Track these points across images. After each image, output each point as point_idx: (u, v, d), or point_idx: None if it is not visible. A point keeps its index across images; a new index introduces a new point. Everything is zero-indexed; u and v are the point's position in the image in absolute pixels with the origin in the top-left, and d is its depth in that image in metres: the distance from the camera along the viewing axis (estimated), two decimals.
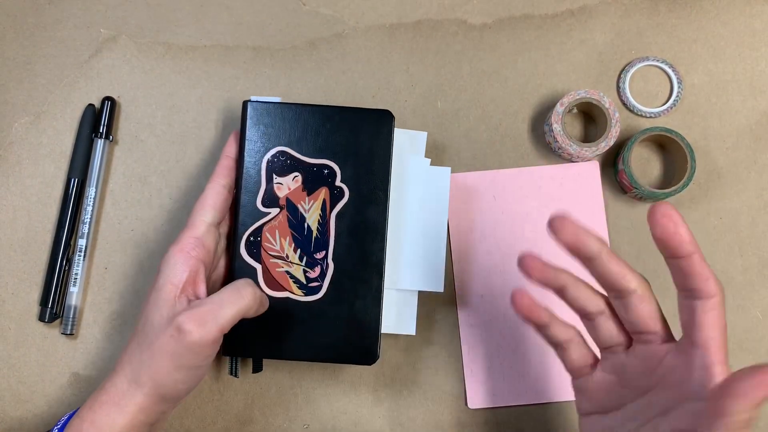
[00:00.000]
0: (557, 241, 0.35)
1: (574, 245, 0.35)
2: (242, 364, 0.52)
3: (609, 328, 0.38)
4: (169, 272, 0.43)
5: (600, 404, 0.39)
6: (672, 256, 0.33)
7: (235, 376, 0.51)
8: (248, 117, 0.50)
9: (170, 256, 0.44)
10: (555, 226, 0.35)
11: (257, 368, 0.51)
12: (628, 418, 0.37)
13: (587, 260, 0.35)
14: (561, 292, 0.38)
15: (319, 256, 0.49)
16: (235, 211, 0.50)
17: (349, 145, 0.49)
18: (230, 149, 0.50)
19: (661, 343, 0.36)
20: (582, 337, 0.40)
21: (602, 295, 0.38)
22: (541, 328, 0.39)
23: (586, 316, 0.38)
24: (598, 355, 0.40)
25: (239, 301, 0.42)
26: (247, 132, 0.50)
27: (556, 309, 0.39)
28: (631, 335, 0.37)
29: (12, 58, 0.57)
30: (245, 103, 0.51)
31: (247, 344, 0.49)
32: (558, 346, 0.40)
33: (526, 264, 0.37)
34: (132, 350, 0.43)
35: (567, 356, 0.40)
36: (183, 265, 0.44)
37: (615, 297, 0.37)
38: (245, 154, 0.50)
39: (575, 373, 0.40)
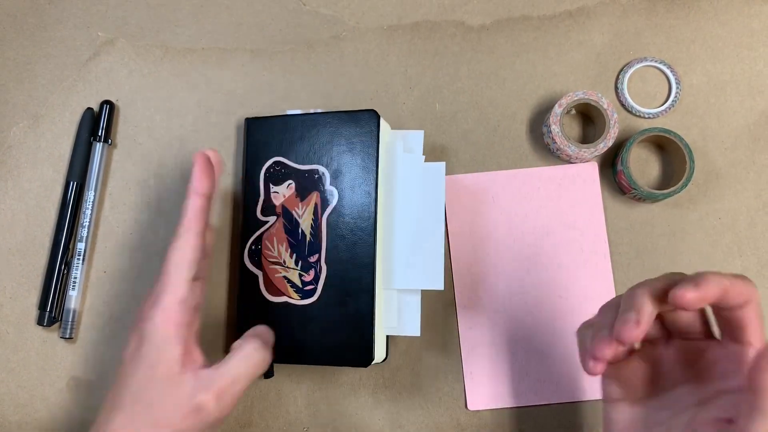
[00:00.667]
0: (699, 304, 0.32)
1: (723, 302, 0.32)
2: None
3: (651, 325, 0.37)
4: (162, 348, 0.40)
5: (631, 392, 0.38)
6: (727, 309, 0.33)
7: None
8: (249, 133, 0.52)
9: (157, 327, 0.40)
10: (680, 304, 0.31)
11: (269, 374, 0.52)
12: (660, 407, 0.36)
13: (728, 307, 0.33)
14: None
15: (312, 259, 0.49)
16: (240, 222, 0.52)
17: (336, 149, 0.50)
18: (201, 185, 0.43)
19: (702, 339, 0.36)
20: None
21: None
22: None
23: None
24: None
25: (251, 371, 0.42)
26: (249, 148, 0.52)
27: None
28: (673, 333, 0.37)
29: (12, 58, 0.57)
30: (247, 121, 0.53)
31: None
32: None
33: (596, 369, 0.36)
34: (124, 427, 0.39)
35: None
36: (175, 338, 0.40)
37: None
38: (248, 169, 0.52)
39: (612, 360, 0.38)
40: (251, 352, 0.43)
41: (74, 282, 0.53)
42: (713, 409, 0.33)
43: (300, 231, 0.50)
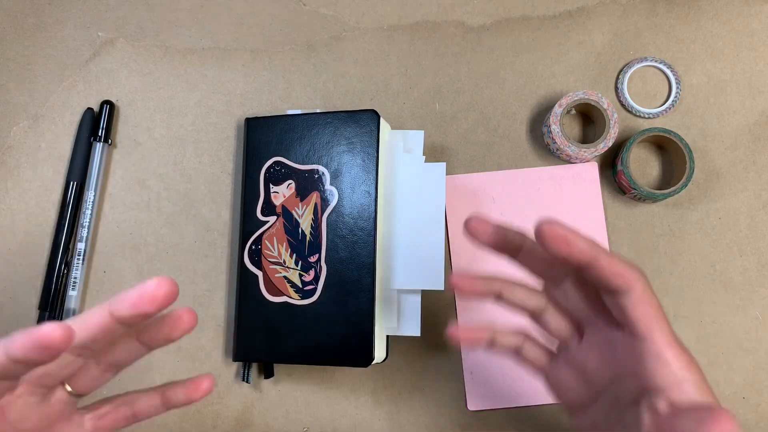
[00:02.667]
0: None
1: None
2: (252, 370, 0.52)
3: (556, 321, 0.37)
4: None
5: (576, 398, 0.38)
6: (577, 267, 0.32)
7: (247, 382, 0.51)
8: (249, 133, 0.52)
9: None
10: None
11: (269, 374, 0.52)
12: (607, 407, 0.36)
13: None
14: (498, 299, 0.38)
15: (312, 259, 0.49)
16: (240, 222, 0.52)
17: (336, 149, 0.50)
18: (119, 306, 0.31)
19: (609, 329, 0.35)
20: (532, 337, 0.39)
21: (540, 292, 0.38)
22: (491, 347, 0.39)
23: (531, 316, 0.38)
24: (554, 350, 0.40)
25: None
26: (249, 148, 0.52)
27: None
28: (582, 323, 0.37)
29: (12, 58, 0.57)
30: (247, 121, 0.53)
31: (252, 350, 0.50)
32: (514, 354, 0.39)
33: (454, 285, 0.36)
34: None
35: (523, 359, 0.40)
36: None
37: (555, 284, 0.36)
38: (248, 169, 0.52)
39: (537, 371, 0.40)
40: None
41: (74, 282, 0.53)
42: (648, 411, 0.33)
43: (300, 231, 0.50)
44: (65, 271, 0.53)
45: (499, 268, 0.53)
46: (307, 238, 0.50)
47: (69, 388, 0.36)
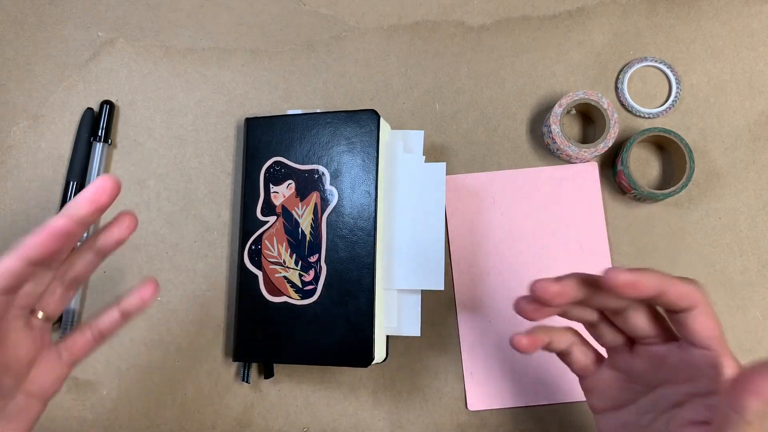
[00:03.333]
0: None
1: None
2: (252, 370, 0.52)
3: (610, 332, 0.38)
4: None
5: (612, 401, 0.39)
6: (648, 301, 0.34)
7: (247, 382, 0.51)
8: (249, 133, 0.52)
9: None
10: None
11: (269, 374, 0.52)
12: (642, 411, 0.37)
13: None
14: (547, 347, 0.39)
15: (312, 259, 0.49)
16: (240, 222, 0.52)
17: (336, 148, 0.50)
18: (76, 208, 0.34)
19: (662, 343, 0.37)
20: (582, 338, 0.40)
21: (570, 330, 0.39)
22: (546, 348, 0.40)
23: (586, 325, 0.39)
24: (603, 353, 0.41)
25: None
26: (249, 148, 0.52)
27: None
28: (635, 338, 0.38)
29: (12, 58, 0.57)
30: (247, 121, 0.53)
31: (252, 350, 0.50)
32: (561, 354, 0.41)
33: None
34: None
35: (571, 360, 0.40)
36: None
37: (614, 314, 0.37)
38: (248, 169, 0.52)
39: (581, 373, 0.41)
40: None
41: None
42: (688, 411, 0.34)
43: (300, 231, 0.50)
44: None
45: (498, 264, 0.53)
46: (307, 238, 0.50)
47: (40, 314, 0.39)
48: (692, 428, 0.34)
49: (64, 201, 0.54)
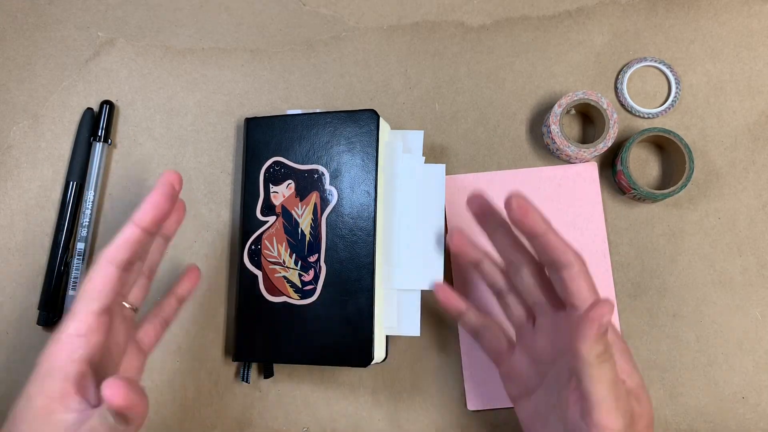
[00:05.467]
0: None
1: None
2: (252, 370, 0.52)
3: (516, 305, 0.44)
4: (43, 381, 0.36)
5: (525, 386, 0.42)
6: (529, 235, 0.39)
7: (247, 382, 0.51)
8: (249, 133, 0.52)
9: (46, 358, 0.36)
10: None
11: (268, 374, 0.52)
12: (549, 391, 0.40)
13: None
14: (476, 267, 0.45)
15: (312, 259, 0.49)
16: (240, 222, 0.52)
17: (335, 148, 0.50)
18: (144, 217, 0.37)
19: (554, 312, 0.41)
20: (497, 323, 0.45)
21: (507, 276, 0.44)
22: (459, 317, 0.46)
23: (497, 294, 0.45)
24: (514, 339, 0.45)
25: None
26: (249, 148, 0.52)
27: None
28: (534, 308, 0.42)
29: (12, 58, 0.57)
30: (246, 121, 0.53)
31: (252, 349, 0.50)
32: (476, 333, 0.45)
33: (453, 242, 0.45)
34: None
35: (485, 342, 0.45)
36: (61, 373, 0.35)
37: (515, 270, 0.43)
38: (248, 169, 0.52)
39: (496, 357, 0.45)
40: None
41: (74, 282, 0.53)
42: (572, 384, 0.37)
43: (299, 231, 0.50)
44: (65, 271, 0.53)
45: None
46: (307, 238, 0.50)
47: (127, 304, 0.43)
48: (576, 395, 0.36)
49: (64, 201, 0.54)
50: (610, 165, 0.54)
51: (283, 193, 0.51)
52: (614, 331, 0.39)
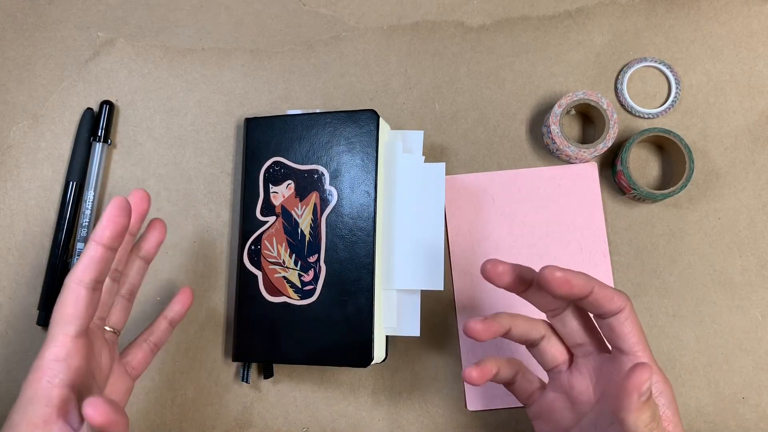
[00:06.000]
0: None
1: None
2: (252, 370, 0.52)
3: (552, 349, 0.41)
4: (26, 407, 0.35)
5: (557, 424, 0.41)
6: (578, 299, 0.37)
7: (247, 382, 0.51)
8: (249, 133, 0.52)
9: (28, 384, 0.36)
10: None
11: (268, 374, 0.52)
12: (587, 430, 0.39)
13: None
14: (507, 335, 0.41)
15: (312, 259, 0.49)
16: (240, 222, 0.52)
17: (335, 149, 0.50)
18: (102, 233, 0.36)
19: (597, 353, 0.40)
20: (525, 367, 0.43)
21: (542, 321, 0.41)
22: (494, 378, 0.42)
23: (531, 345, 0.42)
24: (545, 380, 0.43)
25: None
26: (248, 148, 0.52)
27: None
28: (573, 349, 0.41)
29: (12, 58, 0.57)
30: (246, 121, 0.53)
31: (252, 350, 0.50)
32: (508, 384, 0.43)
33: (470, 332, 0.39)
34: None
35: (516, 389, 0.43)
36: (43, 399, 0.35)
37: (555, 314, 0.40)
38: (248, 169, 0.52)
39: (527, 400, 0.43)
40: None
41: None
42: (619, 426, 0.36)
43: (299, 231, 0.50)
44: (65, 271, 0.53)
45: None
46: (307, 239, 0.50)
47: (108, 328, 0.43)
48: None
49: (64, 201, 0.54)
50: (610, 165, 0.54)
51: (282, 193, 0.51)
52: (656, 369, 0.38)
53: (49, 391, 0.35)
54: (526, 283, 0.39)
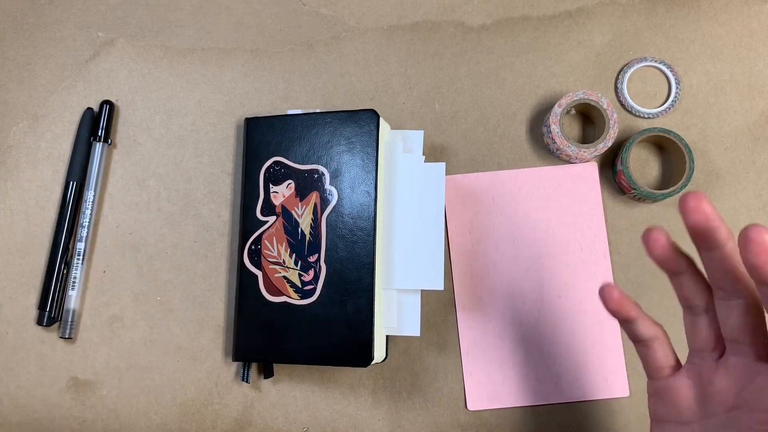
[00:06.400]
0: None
1: (704, 226, 0.30)
2: (252, 370, 0.52)
3: (708, 329, 0.35)
4: None
5: (678, 413, 0.36)
6: (762, 283, 0.29)
7: (247, 382, 0.51)
8: (249, 133, 0.52)
9: None
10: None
11: (268, 374, 0.52)
12: (713, 430, 0.35)
13: (713, 248, 0.30)
14: (677, 275, 0.35)
15: (312, 259, 0.49)
16: (240, 222, 0.52)
17: (336, 148, 0.50)
18: None
19: (755, 360, 0.33)
20: (668, 338, 0.38)
21: (711, 293, 0.34)
22: (628, 323, 0.37)
23: (689, 310, 0.35)
24: (682, 362, 0.38)
25: None
26: (249, 148, 0.52)
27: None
28: (727, 343, 0.34)
29: (12, 58, 0.57)
30: (246, 120, 0.52)
31: (252, 349, 0.50)
32: (642, 343, 0.38)
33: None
34: None
35: (649, 354, 0.38)
36: None
37: (724, 297, 0.33)
38: (248, 169, 0.52)
39: (654, 374, 0.38)
40: None
41: (74, 282, 0.53)
42: None
43: (299, 231, 0.50)
44: (65, 271, 0.53)
45: (498, 264, 0.53)
46: (307, 238, 0.50)
47: None
48: None
49: (64, 201, 0.54)
50: (610, 165, 0.54)
51: (283, 193, 0.51)
52: None
53: None
54: (709, 242, 0.31)
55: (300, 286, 0.49)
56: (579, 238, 0.53)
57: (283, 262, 0.50)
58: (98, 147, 0.54)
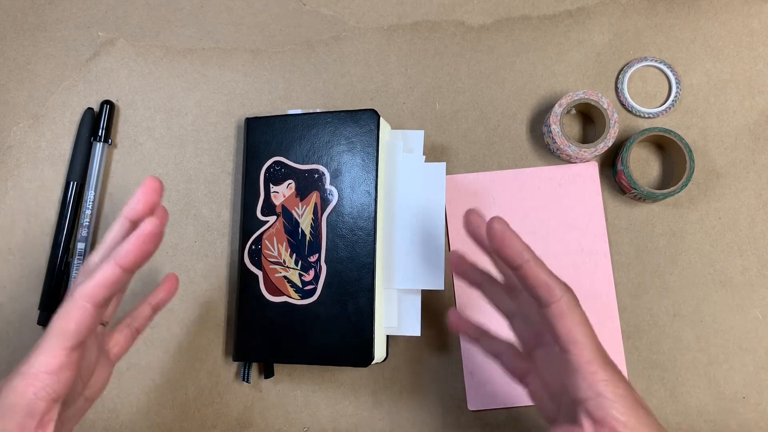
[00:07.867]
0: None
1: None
2: (252, 370, 0.52)
3: (524, 330, 0.41)
4: (4, 413, 0.34)
5: (548, 410, 0.40)
6: (509, 266, 0.35)
7: (247, 381, 0.51)
8: (249, 133, 0.52)
9: (11, 392, 0.34)
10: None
11: (269, 374, 0.52)
12: (566, 420, 0.38)
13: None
14: (479, 289, 0.43)
15: (312, 259, 0.49)
16: (240, 222, 0.52)
17: (336, 148, 0.50)
18: (126, 258, 0.34)
19: (553, 343, 0.38)
20: (513, 346, 0.42)
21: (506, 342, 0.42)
22: (475, 342, 0.43)
23: (505, 315, 0.42)
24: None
25: None
26: (249, 148, 0.52)
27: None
28: (526, 347, 0.41)
29: (12, 58, 0.57)
30: (247, 120, 0.53)
31: (252, 349, 0.50)
32: (495, 357, 0.43)
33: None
34: None
35: (504, 364, 0.42)
36: (24, 410, 0.34)
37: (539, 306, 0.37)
38: (248, 169, 0.52)
39: (520, 380, 0.42)
40: None
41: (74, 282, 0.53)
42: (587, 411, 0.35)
43: (300, 231, 0.50)
44: (65, 271, 0.53)
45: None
46: (307, 238, 0.50)
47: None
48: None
49: (64, 201, 0.54)
50: (611, 165, 0.54)
51: (283, 192, 0.51)
52: (603, 367, 0.35)
53: (33, 403, 0.34)
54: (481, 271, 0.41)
55: (300, 286, 0.49)
56: (579, 238, 0.53)
57: (284, 261, 0.50)
58: (98, 147, 0.54)
